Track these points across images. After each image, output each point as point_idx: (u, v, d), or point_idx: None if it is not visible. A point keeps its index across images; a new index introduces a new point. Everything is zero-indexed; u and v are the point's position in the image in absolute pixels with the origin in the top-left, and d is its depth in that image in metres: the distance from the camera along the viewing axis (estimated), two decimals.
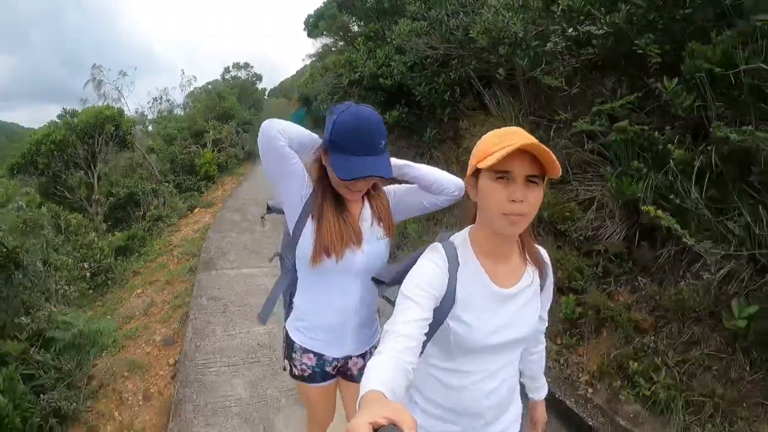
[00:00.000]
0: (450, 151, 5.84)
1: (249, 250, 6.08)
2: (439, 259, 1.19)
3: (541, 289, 1.30)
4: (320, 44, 11.29)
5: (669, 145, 2.99)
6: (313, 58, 15.22)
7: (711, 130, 2.73)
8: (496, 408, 1.29)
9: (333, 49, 9.79)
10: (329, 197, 1.47)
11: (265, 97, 26.48)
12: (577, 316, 3.61)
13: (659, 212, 2.55)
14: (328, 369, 1.67)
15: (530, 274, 1.26)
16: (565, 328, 3.72)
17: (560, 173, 1.04)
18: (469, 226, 1.25)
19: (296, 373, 1.68)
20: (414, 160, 1.67)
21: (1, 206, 3.80)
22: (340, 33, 8.52)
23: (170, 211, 8.75)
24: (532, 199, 1.06)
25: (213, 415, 3.03)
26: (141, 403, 3.39)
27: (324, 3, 9.59)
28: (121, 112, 10.64)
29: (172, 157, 12.89)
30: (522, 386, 1.44)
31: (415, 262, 1.23)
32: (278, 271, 1.73)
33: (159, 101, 18.53)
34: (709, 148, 2.82)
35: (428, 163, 1.61)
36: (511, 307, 1.22)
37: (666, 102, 3.08)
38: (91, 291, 5.67)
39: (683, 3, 2.97)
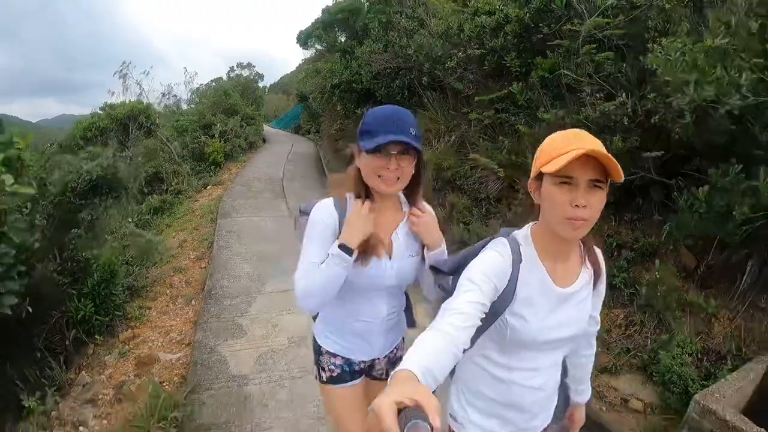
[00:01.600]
0: None
1: (253, 208, 8.18)
2: (504, 252, 1.20)
3: (594, 289, 1.30)
4: (313, 50, 13.34)
5: (519, 125, 5.00)
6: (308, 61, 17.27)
7: (539, 114, 4.74)
8: (541, 403, 1.32)
9: (325, 54, 11.86)
10: (365, 198, 1.48)
11: (266, 92, 28.33)
12: (466, 238, 5.67)
13: (482, 158, 4.59)
14: (355, 369, 1.70)
15: (586, 274, 1.27)
16: (459, 246, 5.80)
17: (623, 179, 1.04)
18: (531, 223, 1.26)
19: (324, 378, 1.71)
20: None
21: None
22: (326, 45, 10.61)
23: (188, 186, 10.76)
24: (595, 203, 1.06)
25: (231, 277, 5.15)
26: (184, 285, 5.42)
27: (312, 23, 11.69)
28: (149, 106, 12.68)
29: (184, 146, 14.84)
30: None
31: (476, 252, 1.26)
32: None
33: (166, 96, 20.51)
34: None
35: None
36: (567, 306, 1.24)
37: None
38: None
39: (535, 31, 4.89)
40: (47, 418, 3.16)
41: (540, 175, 1.13)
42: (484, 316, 1.11)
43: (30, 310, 3.04)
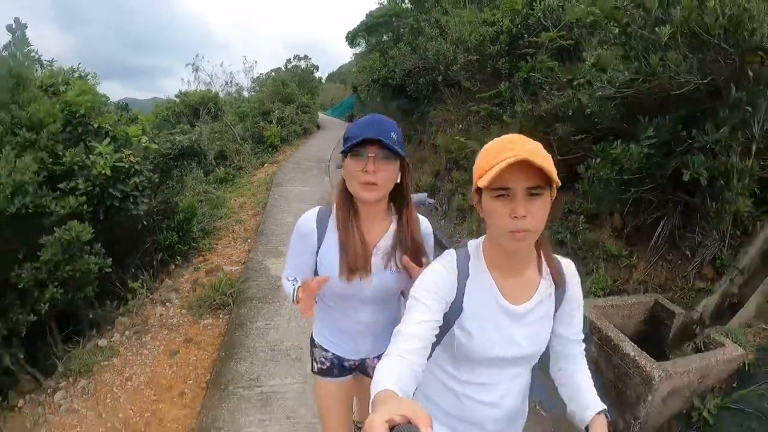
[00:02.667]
0: (424, 123, 9.27)
1: (302, 181, 9.86)
2: (449, 264, 1.19)
3: (559, 304, 1.23)
4: (362, 47, 14.85)
5: (504, 116, 6.20)
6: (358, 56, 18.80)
7: (516, 108, 5.90)
8: (499, 421, 1.28)
9: (372, 51, 13.34)
10: (348, 209, 1.49)
11: (323, 81, 30.07)
12: (465, 207, 6.92)
13: (469, 141, 5.83)
14: (346, 365, 1.74)
15: (545, 289, 1.21)
16: (459, 214, 7.07)
17: (559, 183, 1.01)
18: (484, 236, 1.22)
19: (316, 369, 1.78)
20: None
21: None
22: (368, 45, 12.06)
23: (248, 164, 12.57)
24: (537, 211, 1.02)
25: (278, 224, 6.73)
26: (242, 231, 7.03)
27: (357, 25, 13.18)
28: (217, 94, 14.69)
29: (245, 130, 16.80)
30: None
31: None
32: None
33: (229, 84, 22.78)
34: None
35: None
36: (519, 325, 1.19)
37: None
38: None
39: (520, 40, 6.06)
40: (146, 298, 4.77)
41: (480, 189, 1.07)
42: (438, 331, 1.11)
43: (145, 223, 4.65)
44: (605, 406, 1.19)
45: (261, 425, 2.77)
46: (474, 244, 1.23)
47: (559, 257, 1.26)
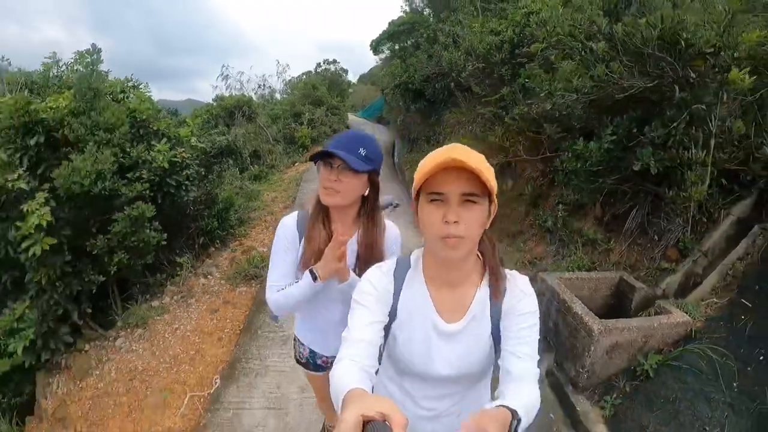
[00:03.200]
0: (440, 124, 9.94)
1: None
2: (387, 270, 1.19)
3: (497, 319, 1.16)
4: (387, 53, 15.66)
5: (506, 118, 6.81)
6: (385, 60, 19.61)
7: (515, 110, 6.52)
8: None
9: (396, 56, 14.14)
10: (319, 211, 1.63)
11: (354, 83, 30.98)
12: None
13: (471, 141, 6.49)
14: (319, 362, 1.86)
15: (478, 303, 1.16)
16: None
17: (493, 190, 1.00)
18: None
19: (296, 358, 1.95)
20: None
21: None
22: (391, 52, 12.83)
23: (280, 163, 13.54)
24: (470, 219, 1.00)
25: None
26: (274, 221, 7.86)
27: (380, 33, 14.00)
28: (251, 98, 15.79)
29: (278, 131, 17.84)
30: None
31: None
32: None
33: (261, 87, 24.02)
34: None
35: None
36: (448, 345, 1.15)
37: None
38: None
39: (520, 48, 6.68)
40: (190, 272, 5.65)
41: (418, 196, 1.05)
42: (383, 332, 1.12)
43: (192, 208, 5.54)
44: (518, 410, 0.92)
45: (281, 357, 3.56)
46: (416, 255, 1.22)
47: (513, 272, 1.21)
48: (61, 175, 3.79)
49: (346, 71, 27.57)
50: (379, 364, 1.22)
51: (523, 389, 1.05)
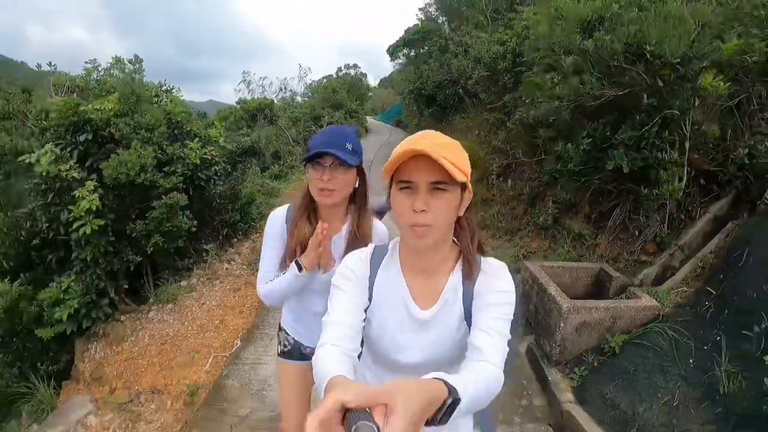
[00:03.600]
0: (451, 129, 10.44)
1: None
2: (364, 256, 1.22)
3: (469, 301, 1.15)
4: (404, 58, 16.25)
5: (508, 123, 7.30)
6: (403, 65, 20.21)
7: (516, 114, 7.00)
8: None
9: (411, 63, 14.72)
10: (306, 207, 1.64)
11: (375, 86, 31.61)
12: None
13: (474, 144, 6.97)
14: (304, 351, 1.88)
15: (451, 287, 1.16)
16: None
17: (463, 178, 0.99)
18: None
19: (279, 350, 1.95)
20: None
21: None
22: (406, 59, 13.39)
23: (299, 163, 14.20)
24: (438, 207, 1.00)
25: None
26: None
27: (397, 40, 14.58)
28: (272, 102, 16.55)
29: (298, 133, 18.55)
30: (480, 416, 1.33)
31: None
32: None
33: (283, 91, 24.84)
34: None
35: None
36: (422, 331, 1.16)
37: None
38: None
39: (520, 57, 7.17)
40: (214, 258, 6.27)
41: (392, 184, 1.06)
42: (364, 315, 1.14)
43: (218, 201, 6.17)
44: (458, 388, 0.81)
45: None
46: (394, 242, 1.23)
47: (489, 258, 1.20)
48: (109, 166, 4.43)
49: (365, 75, 28.24)
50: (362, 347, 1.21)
51: (482, 367, 0.99)
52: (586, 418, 3.31)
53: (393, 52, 14.88)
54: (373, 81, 28.90)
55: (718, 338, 3.42)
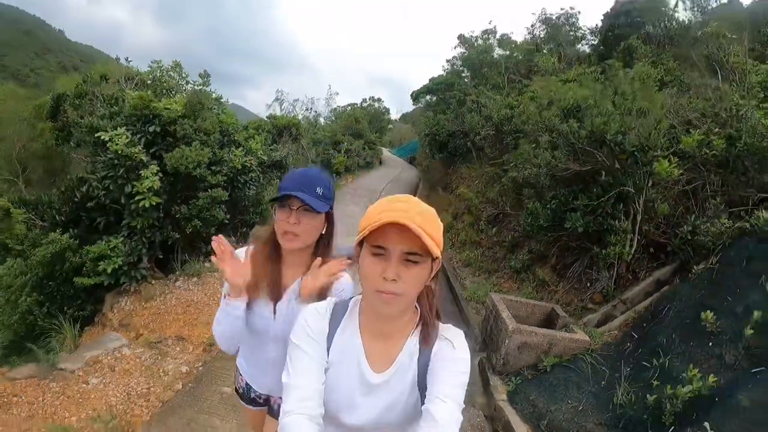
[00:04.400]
0: (457, 175, 11.60)
1: (354, 203, 12.43)
2: (323, 311, 1.20)
3: (424, 369, 1.14)
4: (425, 103, 17.66)
5: (503, 179, 8.44)
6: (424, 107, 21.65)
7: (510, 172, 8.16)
8: None
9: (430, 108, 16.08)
10: (270, 249, 1.60)
11: (396, 119, 32.97)
12: (474, 239, 9.08)
13: (467, 192, 8.09)
14: (254, 396, 1.84)
15: (409, 354, 1.16)
16: (467, 247, 9.23)
17: (438, 252, 0.99)
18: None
19: (235, 386, 1.93)
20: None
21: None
22: (426, 105, 14.76)
23: None
24: (408, 278, 1.01)
25: None
26: None
27: (421, 87, 16.01)
28: (299, 121, 17.89)
29: (317, 154, 19.77)
30: None
31: None
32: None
33: (309, 111, 26.26)
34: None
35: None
36: (372, 396, 1.16)
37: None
38: None
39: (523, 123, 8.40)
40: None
41: (362, 243, 1.06)
42: (324, 376, 1.12)
43: (247, 203, 7.27)
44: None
45: None
46: (354, 300, 1.22)
47: (448, 325, 1.20)
48: (173, 157, 5.55)
49: (388, 111, 29.84)
50: None
51: None
52: (511, 412, 4.27)
53: (416, 97, 16.27)
54: (395, 115, 30.28)
55: (628, 369, 4.38)
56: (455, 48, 15.86)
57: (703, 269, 4.62)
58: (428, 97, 15.33)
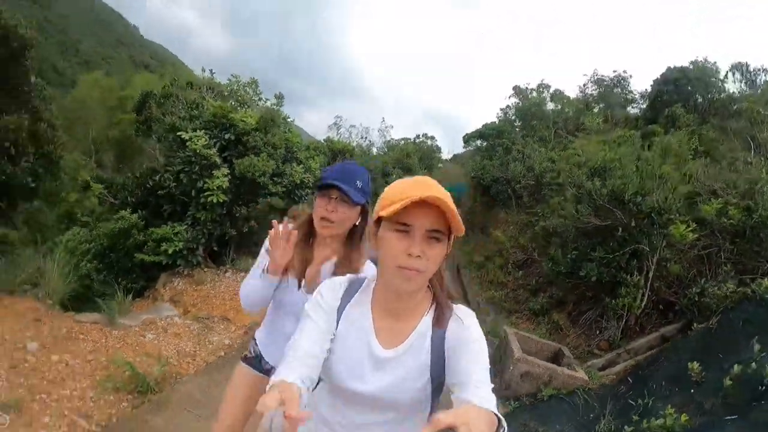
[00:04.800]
0: (496, 220, 12.10)
1: None
2: (337, 287, 1.23)
3: (437, 350, 1.15)
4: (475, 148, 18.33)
5: (535, 227, 8.94)
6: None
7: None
8: None
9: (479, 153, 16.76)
10: (306, 229, 1.70)
11: (448, 158, 33.32)
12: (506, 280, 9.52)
13: (500, 236, 8.61)
14: (264, 366, 1.90)
15: (421, 335, 1.17)
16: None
17: (463, 232, 1.02)
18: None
19: (244, 355, 2.00)
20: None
21: None
22: (476, 149, 15.48)
23: None
24: (432, 255, 1.03)
25: None
26: None
27: (474, 130, 16.75)
28: (354, 148, 19.02)
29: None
30: None
31: None
32: None
33: (363, 139, 27.46)
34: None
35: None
36: (381, 371, 1.16)
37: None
38: None
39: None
40: None
41: (379, 221, 1.07)
42: (329, 344, 1.15)
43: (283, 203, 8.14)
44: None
45: None
46: (368, 280, 1.25)
47: (458, 305, 1.22)
48: (242, 164, 6.49)
49: (439, 149, 30.59)
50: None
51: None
52: None
53: (468, 140, 16.98)
54: (446, 154, 30.82)
55: (617, 408, 4.73)
56: (509, 97, 16.67)
57: (703, 327, 4.94)
58: (479, 142, 16.00)
